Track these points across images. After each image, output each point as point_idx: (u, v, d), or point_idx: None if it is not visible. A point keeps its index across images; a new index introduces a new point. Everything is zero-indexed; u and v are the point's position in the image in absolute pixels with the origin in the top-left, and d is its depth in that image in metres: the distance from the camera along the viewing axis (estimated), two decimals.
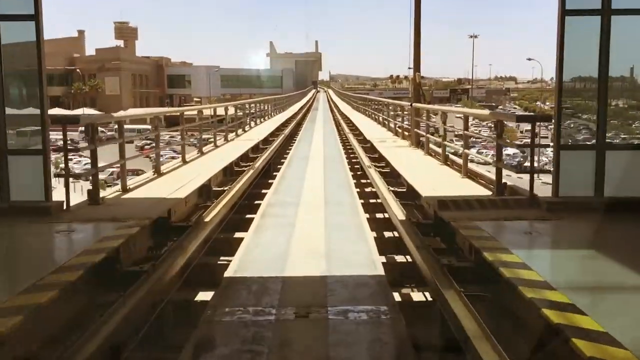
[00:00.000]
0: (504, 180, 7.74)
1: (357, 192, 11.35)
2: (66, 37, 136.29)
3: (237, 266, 6.59)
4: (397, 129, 19.20)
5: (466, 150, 9.50)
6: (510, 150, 68.66)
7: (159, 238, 6.87)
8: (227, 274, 6.29)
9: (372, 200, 11.47)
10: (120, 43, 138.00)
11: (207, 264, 7.24)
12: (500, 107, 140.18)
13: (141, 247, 6.15)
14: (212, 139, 16.57)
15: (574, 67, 7.06)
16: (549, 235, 6.10)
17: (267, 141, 19.72)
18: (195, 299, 6.77)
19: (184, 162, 12.07)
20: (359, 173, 15.65)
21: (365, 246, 7.38)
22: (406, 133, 17.05)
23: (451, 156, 11.66)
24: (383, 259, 8.00)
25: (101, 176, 54.89)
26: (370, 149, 16.82)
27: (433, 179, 9.65)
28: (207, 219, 8.05)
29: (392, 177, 11.99)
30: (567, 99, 7.03)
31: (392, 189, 9.94)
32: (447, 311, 4.72)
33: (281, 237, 8.08)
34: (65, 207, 7.06)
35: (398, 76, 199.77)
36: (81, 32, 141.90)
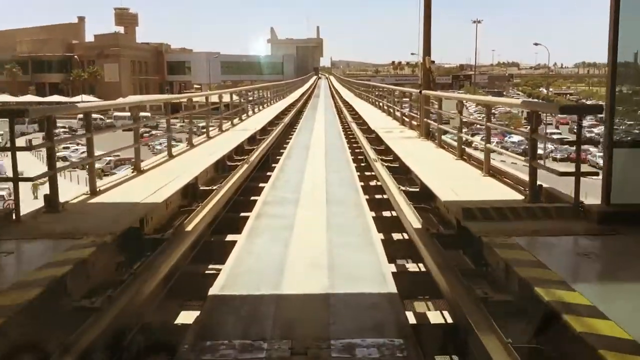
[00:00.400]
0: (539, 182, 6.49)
1: (363, 189, 10.21)
2: (66, 23, 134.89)
3: (225, 280, 5.54)
4: (403, 118, 17.95)
5: (489, 145, 8.26)
6: (515, 138, 67.02)
7: (125, 256, 5.67)
8: (213, 290, 5.19)
9: (377, 196, 10.34)
10: (121, 29, 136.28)
11: (185, 284, 6.06)
12: (504, 93, 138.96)
13: (99, 272, 4.94)
14: (206, 129, 15.30)
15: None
16: (609, 258, 4.86)
17: (264, 131, 18.49)
18: (176, 321, 5.70)
19: (170, 156, 10.84)
20: (362, 164, 14.52)
21: (373, 255, 6.29)
22: (414, 122, 15.82)
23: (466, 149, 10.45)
24: (393, 267, 7.02)
25: (97, 165, 54.18)
26: (375, 139, 15.60)
27: (450, 178, 8.44)
28: (189, 228, 6.86)
29: (402, 172, 10.80)
30: (572, 85, 5.72)
31: (404, 188, 8.74)
32: None
33: (277, 243, 7.01)
34: (14, 216, 5.85)
35: (400, 62, 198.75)
36: (81, 19, 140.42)
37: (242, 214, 9.67)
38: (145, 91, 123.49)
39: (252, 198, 10.29)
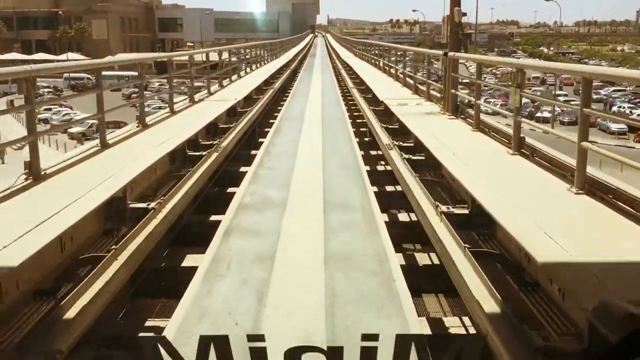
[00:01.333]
0: None
1: (375, 188, 7.28)
2: None
3: None
4: (417, 85, 14.68)
5: (586, 143, 5.11)
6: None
7: None
8: None
9: (401, 214, 7.41)
10: None
11: None
12: (507, 51, 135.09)
13: None
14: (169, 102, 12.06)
15: None
16: None
17: (249, 100, 15.30)
18: None
19: (104, 145, 7.61)
20: (366, 139, 11.70)
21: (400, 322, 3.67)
22: (434, 93, 12.61)
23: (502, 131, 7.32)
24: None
25: (80, 129, 50.37)
26: (384, 114, 12.42)
27: (520, 194, 5.32)
28: (86, 298, 3.79)
29: (429, 167, 7.75)
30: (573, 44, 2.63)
31: (444, 208, 5.59)
32: None
33: (250, 295, 4.18)
34: None
35: (398, 20, 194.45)
36: None
37: (211, 219, 6.91)
38: (135, 49, 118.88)
39: (229, 190, 7.87)
